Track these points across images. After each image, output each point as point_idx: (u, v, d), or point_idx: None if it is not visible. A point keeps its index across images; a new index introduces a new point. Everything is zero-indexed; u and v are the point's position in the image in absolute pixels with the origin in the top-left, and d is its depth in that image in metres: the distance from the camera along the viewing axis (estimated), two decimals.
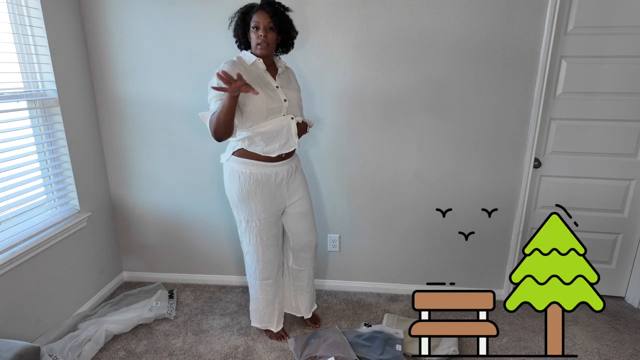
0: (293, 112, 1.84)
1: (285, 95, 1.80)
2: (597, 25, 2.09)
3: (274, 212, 1.93)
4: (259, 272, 2.01)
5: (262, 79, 1.78)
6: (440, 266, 2.51)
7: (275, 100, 1.76)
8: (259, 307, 2.10)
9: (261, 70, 1.79)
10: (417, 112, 2.26)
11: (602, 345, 2.11)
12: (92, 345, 2.02)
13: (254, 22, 1.72)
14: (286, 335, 2.16)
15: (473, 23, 2.09)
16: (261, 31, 1.71)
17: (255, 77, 1.75)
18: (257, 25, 1.71)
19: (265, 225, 1.92)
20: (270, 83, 1.79)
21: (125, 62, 2.33)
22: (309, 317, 2.25)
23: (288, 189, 1.94)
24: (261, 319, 2.13)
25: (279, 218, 1.99)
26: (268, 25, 1.71)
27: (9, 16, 1.93)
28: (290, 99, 1.82)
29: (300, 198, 1.99)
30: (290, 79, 1.92)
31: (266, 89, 1.75)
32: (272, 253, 1.99)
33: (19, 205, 1.99)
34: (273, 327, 2.14)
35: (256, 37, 1.73)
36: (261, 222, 1.90)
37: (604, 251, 2.45)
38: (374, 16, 2.13)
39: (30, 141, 2.05)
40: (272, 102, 1.76)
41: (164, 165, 2.49)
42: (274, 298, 2.09)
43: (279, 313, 2.14)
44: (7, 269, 1.83)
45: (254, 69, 1.78)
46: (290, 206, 1.98)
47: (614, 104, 2.20)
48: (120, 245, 2.70)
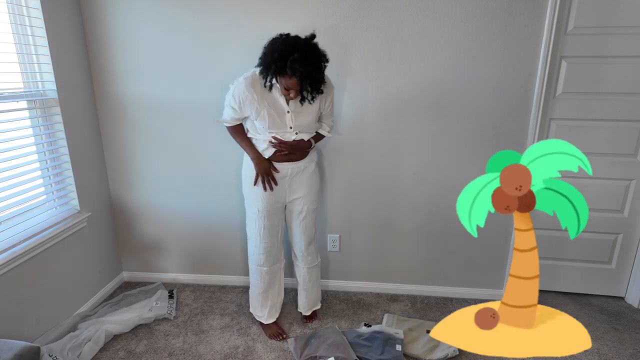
0: (300, 131, 1.90)
1: (293, 122, 1.86)
2: (597, 25, 2.09)
3: (273, 204, 2.01)
4: (255, 258, 2.11)
5: (276, 102, 1.82)
6: (440, 266, 2.51)
7: (279, 125, 1.85)
8: (254, 294, 2.20)
9: (278, 94, 1.81)
10: (417, 112, 2.26)
11: (602, 345, 2.11)
12: (92, 345, 2.02)
13: (286, 84, 1.70)
14: (284, 334, 2.17)
15: (473, 23, 2.09)
16: (292, 93, 1.73)
17: (270, 99, 1.81)
18: (288, 88, 1.71)
19: (264, 214, 2.00)
20: (282, 107, 1.83)
21: (125, 62, 2.33)
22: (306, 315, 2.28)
23: (290, 186, 2.00)
24: (254, 306, 2.22)
25: (279, 211, 2.06)
26: (299, 89, 1.71)
27: (9, 16, 1.93)
28: (299, 125, 1.87)
29: (301, 197, 2.03)
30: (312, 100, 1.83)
31: (275, 113, 1.82)
32: (268, 242, 2.06)
33: (19, 205, 1.99)
34: (263, 319, 2.18)
35: (285, 93, 1.76)
36: (260, 211, 2.00)
37: (604, 251, 2.45)
38: (373, 16, 2.13)
39: (30, 141, 2.05)
40: (276, 126, 1.84)
41: (164, 165, 2.49)
42: (268, 288, 2.16)
43: (271, 306, 2.18)
44: (7, 269, 1.83)
45: (273, 90, 1.81)
46: (290, 202, 2.06)
47: (614, 104, 2.20)
48: (120, 245, 2.70)
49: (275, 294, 2.21)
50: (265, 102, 1.80)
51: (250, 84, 1.79)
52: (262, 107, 1.80)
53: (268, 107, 1.81)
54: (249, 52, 2.24)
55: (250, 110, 1.83)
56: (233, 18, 2.20)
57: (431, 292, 2.56)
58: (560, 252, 2.48)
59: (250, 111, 1.83)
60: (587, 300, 2.51)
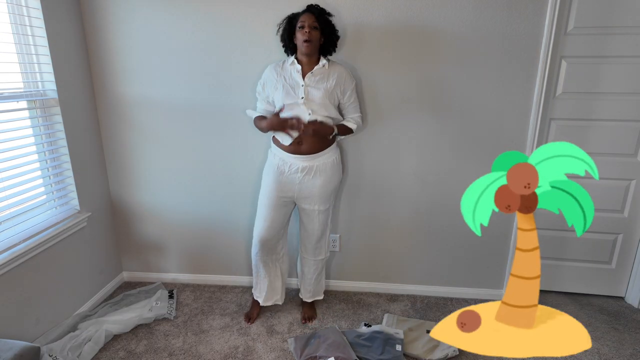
0: (313, 108, 1.96)
1: (305, 94, 1.96)
2: (597, 25, 2.09)
3: (279, 197, 2.09)
4: (254, 246, 2.21)
5: (292, 77, 2.00)
6: (441, 266, 2.51)
7: (292, 96, 1.97)
8: (255, 277, 2.30)
9: (294, 69, 1.99)
10: (417, 112, 2.26)
11: (602, 345, 2.11)
12: (92, 345, 2.02)
13: (300, 22, 1.91)
14: (250, 320, 2.28)
15: (473, 23, 2.09)
16: (306, 28, 1.89)
17: (288, 74, 2.01)
18: (303, 24, 1.90)
19: (268, 204, 2.10)
20: (297, 81, 1.98)
21: (125, 62, 2.33)
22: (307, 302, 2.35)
23: (301, 183, 2.06)
24: (255, 287, 2.32)
25: (285, 205, 2.13)
26: (312, 24, 1.90)
27: (9, 16, 1.93)
28: (311, 97, 1.97)
29: (310, 198, 2.08)
30: (329, 78, 2.00)
31: (289, 86, 1.98)
32: (266, 231, 2.13)
33: (19, 205, 1.99)
34: (261, 299, 2.29)
35: (301, 35, 1.91)
36: (265, 202, 2.11)
37: (604, 251, 2.45)
38: (374, 16, 2.13)
39: (30, 141, 2.05)
40: (289, 98, 1.97)
41: (164, 165, 2.49)
42: (265, 276, 2.26)
43: (267, 291, 2.28)
44: (7, 269, 1.83)
45: (290, 68, 2.01)
46: (299, 201, 2.12)
47: (614, 104, 2.20)
48: (120, 245, 2.70)
49: (272, 281, 2.29)
50: (282, 79, 2.01)
51: (273, 67, 2.06)
52: (279, 82, 2.01)
53: (284, 82, 2.00)
54: (249, 51, 2.24)
55: (270, 88, 2.04)
56: (233, 18, 2.20)
57: (431, 292, 2.56)
58: (561, 252, 2.48)
59: (270, 89, 2.04)
60: (587, 300, 2.51)
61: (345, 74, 2.02)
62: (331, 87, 1.98)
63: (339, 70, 2.01)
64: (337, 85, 2.00)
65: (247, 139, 2.37)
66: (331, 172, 2.08)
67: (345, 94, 2.04)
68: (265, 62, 2.18)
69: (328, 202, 2.14)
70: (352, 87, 2.05)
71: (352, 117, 2.11)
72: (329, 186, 2.09)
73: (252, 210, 2.50)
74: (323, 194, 2.08)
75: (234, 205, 2.52)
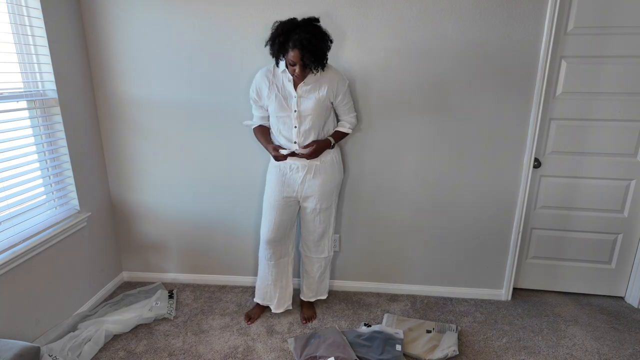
0: (305, 118, 1.97)
1: (298, 106, 1.95)
2: (597, 25, 2.09)
3: (282, 197, 2.10)
4: (263, 250, 2.21)
5: (284, 87, 1.98)
6: (440, 266, 2.52)
7: (284, 109, 1.97)
8: (262, 285, 2.29)
9: (286, 78, 1.96)
10: (417, 113, 2.26)
11: (602, 345, 2.11)
12: (92, 345, 2.02)
13: (289, 59, 1.81)
14: (250, 320, 2.27)
15: (473, 23, 2.09)
16: (296, 68, 1.82)
17: (280, 83, 1.98)
18: (292, 62, 1.81)
19: (273, 205, 2.12)
20: (290, 92, 1.96)
21: (125, 62, 2.33)
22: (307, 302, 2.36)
23: (303, 183, 2.07)
24: (261, 297, 2.31)
25: (289, 205, 2.14)
26: (301, 63, 1.79)
27: (9, 16, 1.93)
28: (304, 109, 1.96)
29: (312, 196, 2.10)
30: (321, 86, 1.95)
31: (282, 97, 1.97)
32: (272, 232, 2.14)
33: (18, 205, 1.99)
34: (273, 306, 2.29)
35: (291, 70, 1.86)
36: (271, 204, 2.12)
37: (604, 251, 2.45)
38: (374, 17, 2.13)
39: (30, 141, 2.05)
40: (281, 110, 1.98)
41: (164, 165, 2.49)
42: (276, 281, 2.26)
43: (279, 297, 2.28)
44: (7, 269, 1.83)
45: (282, 76, 1.97)
46: (302, 200, 2.13)
47: (614, 104, 2.20)
48: (120, 245, 2.70)
49: (284, 287, 2.29)
50: (275, 88, 1.98)
51: (264, 73, 2.01)
52: (272, 91, 1.98)
53: (277, 92, 1.97)
54: (249, 51, 2.24)
55: (264, 97, 2.02)
56: (233, 18, 2.20)
57: (431, 292, 2.56)
58: (560, 252, 2.48)
59: (264, 98, 2.02)
60: (587, 300, 2.51)
61: (337, 78, 1.98)
62: (323, 96, 1.96)
63: (330, 76, 1.97)
64: (330, 91, 1.97)
65: (247, 139, 2.37)
66: (331, 170, 2.09)
67: (337, 97, 2.01)
68: (265, 62, 2.18)
69: (329, 201, 2.14)
70: (344, 89, 2.01)
71: (347, 118, 2.12)
72: (329, 184, 2.10)
73: (252, 210, 2.51)
74: (324, 192, 2.09)
75: (233, 205, 2.52)
